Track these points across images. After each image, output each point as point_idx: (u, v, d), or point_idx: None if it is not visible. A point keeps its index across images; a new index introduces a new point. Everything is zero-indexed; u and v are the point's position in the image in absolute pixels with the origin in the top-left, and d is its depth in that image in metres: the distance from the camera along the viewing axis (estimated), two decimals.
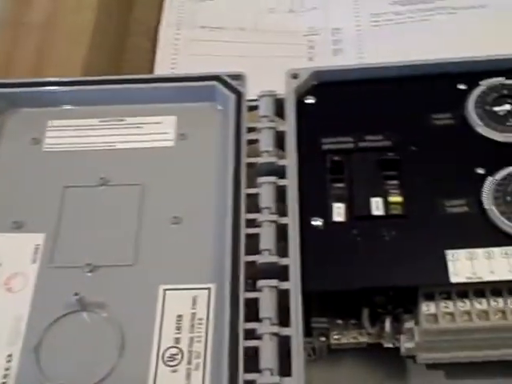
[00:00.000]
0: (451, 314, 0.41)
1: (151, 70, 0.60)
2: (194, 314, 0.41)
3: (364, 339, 0.45)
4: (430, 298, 0.42)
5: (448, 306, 0.42)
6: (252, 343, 0.39)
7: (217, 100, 0.49)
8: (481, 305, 0.41)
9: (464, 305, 0.42)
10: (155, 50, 0.62)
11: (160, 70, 0.59)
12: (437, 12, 0.63)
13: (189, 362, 0.40)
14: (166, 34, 0.62)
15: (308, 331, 0.45)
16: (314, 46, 0.62)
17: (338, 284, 0.41)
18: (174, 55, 0.61)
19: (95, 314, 0.41)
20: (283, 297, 0.40)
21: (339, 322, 0.45)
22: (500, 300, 0.41)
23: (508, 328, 0.41)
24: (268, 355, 0.38)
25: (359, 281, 0.41)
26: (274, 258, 0.41)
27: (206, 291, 0.42)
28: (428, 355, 0.43)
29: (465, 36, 0.61)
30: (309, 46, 0.62)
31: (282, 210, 0.44)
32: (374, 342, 0.45)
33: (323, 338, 0.46)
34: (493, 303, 0.41)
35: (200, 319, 0.41)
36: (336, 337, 0.45)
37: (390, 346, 0.45)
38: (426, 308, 0.42)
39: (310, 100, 0.48)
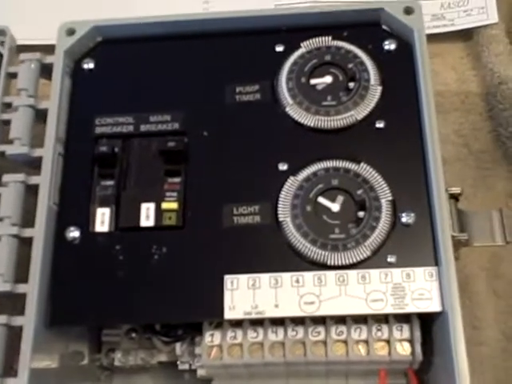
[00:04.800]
0: (240, 345, 0.34)
1: None
2: None
3: (157, 359, 0.38)
4: (218, 325, 0.34)
5: (237, 336, 0.34)
6: None
7: None
8: (276, 335, 0.34)
9: (256, 335, 0.34)
10: None
11: None
12: None
13: None
14: None
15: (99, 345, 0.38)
16: None
17: (87, 319, 0.33)
18: None
19: None
20: None
21: (133, 335, 0.38)
22: (300, 329, 0.33)
23: (309, 362, 0.33)
24: None
25: (113, 316, 0.33)
26: (7, 286, 0.32)
27: None
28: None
29: None
30: None
31: None
32: (170, 361, 0.38)
33: (112, 355, 0.38)
34: (291, 333, 0.33)
35: None
36: (122, 359, 0.38)
37: (186, 368, 0.37)
38: (210, 338, 0.34)
39: (89, 64, 0.37)
